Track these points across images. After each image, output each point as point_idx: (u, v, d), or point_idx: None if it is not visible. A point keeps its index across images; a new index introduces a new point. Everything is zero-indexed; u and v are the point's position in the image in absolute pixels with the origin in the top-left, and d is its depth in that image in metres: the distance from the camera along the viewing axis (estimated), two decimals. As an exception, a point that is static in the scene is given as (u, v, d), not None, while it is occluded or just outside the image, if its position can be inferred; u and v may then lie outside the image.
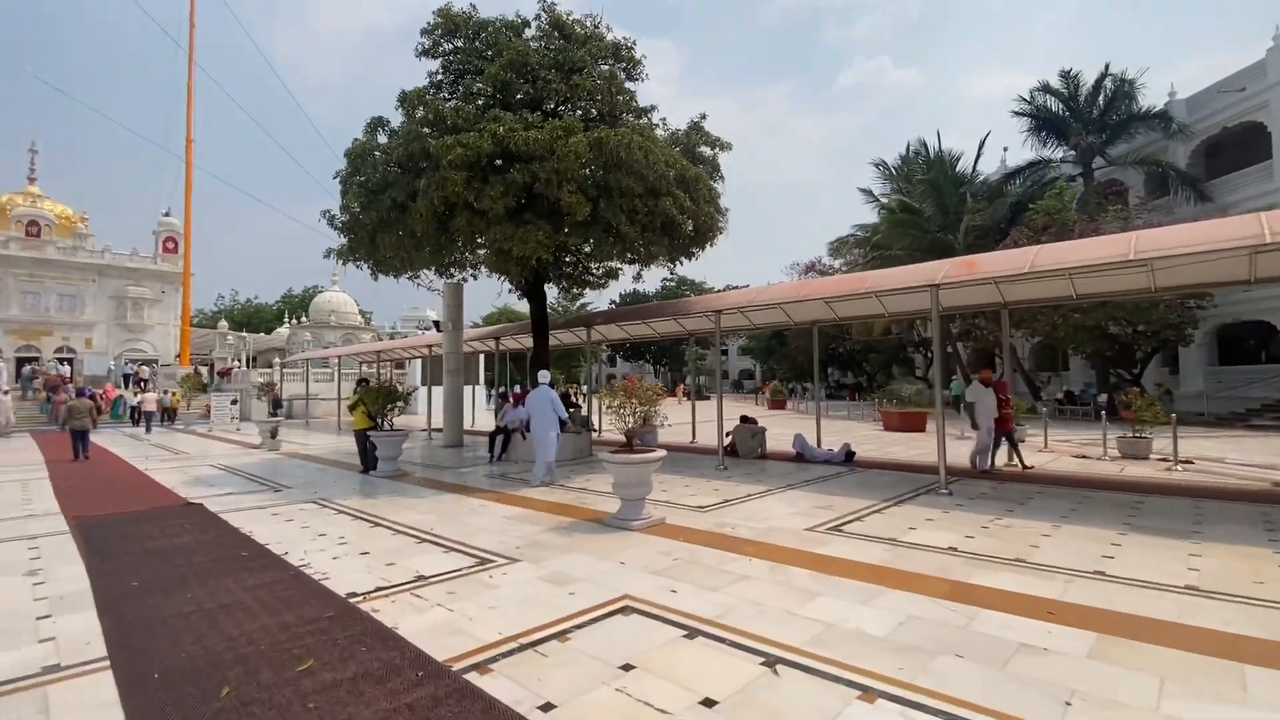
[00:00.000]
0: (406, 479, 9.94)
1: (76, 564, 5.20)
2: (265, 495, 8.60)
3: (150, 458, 13.59)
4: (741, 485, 8.75)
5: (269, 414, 24.31)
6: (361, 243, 10.78)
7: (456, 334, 15.42)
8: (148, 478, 10.50)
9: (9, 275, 38.24)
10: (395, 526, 6.52)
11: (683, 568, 4.89)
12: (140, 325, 42.37)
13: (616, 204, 9.70)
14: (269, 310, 68.58)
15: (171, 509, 7.64)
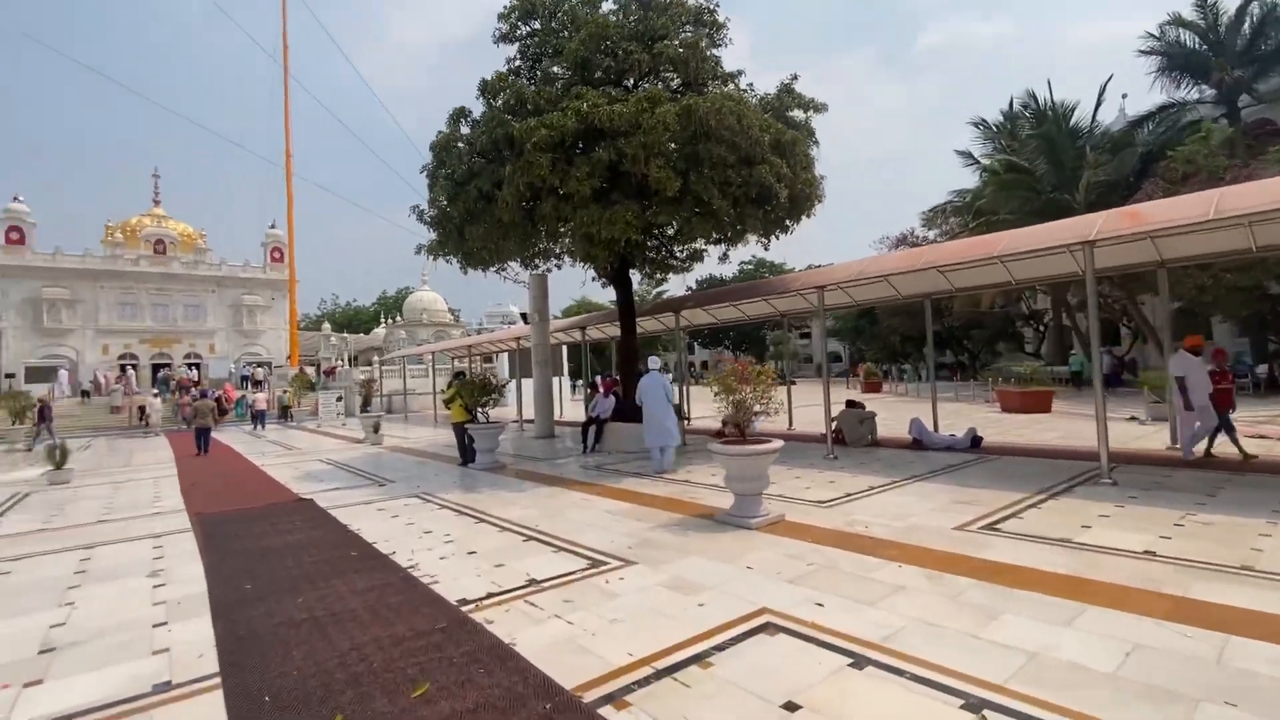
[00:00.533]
0: (504, 472, 9.81)
1: (195, 563, 5.23)
2: (370, 490, 8.67)
3: (266, 454, 14.36)
4: (860, 476, 7.94)
5: (359, 411, 25.61)
6: (450, 236, 10.72)
7: (543, 325, 15.31)
8: (264, 473, 10.98)
9: (142, 290, 42.42)
10: (499, 523, 6.26)
11: (822, 575, 4.25)
12: (255, 330, 45.95)
13: (707, 176, 9.05)
14: (366, 312, 72.81)
15: (284, 505, 7.80)
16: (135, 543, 6.14)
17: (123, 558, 5.57)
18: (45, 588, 4.75)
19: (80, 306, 40.67)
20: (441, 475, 9.76)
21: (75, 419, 28.75)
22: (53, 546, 6.12)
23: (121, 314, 42.32)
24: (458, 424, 10.69)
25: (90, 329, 41.19)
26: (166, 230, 45.01)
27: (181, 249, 44.96)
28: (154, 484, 10.17)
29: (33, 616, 4.12)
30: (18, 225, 39.42)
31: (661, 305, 14.68)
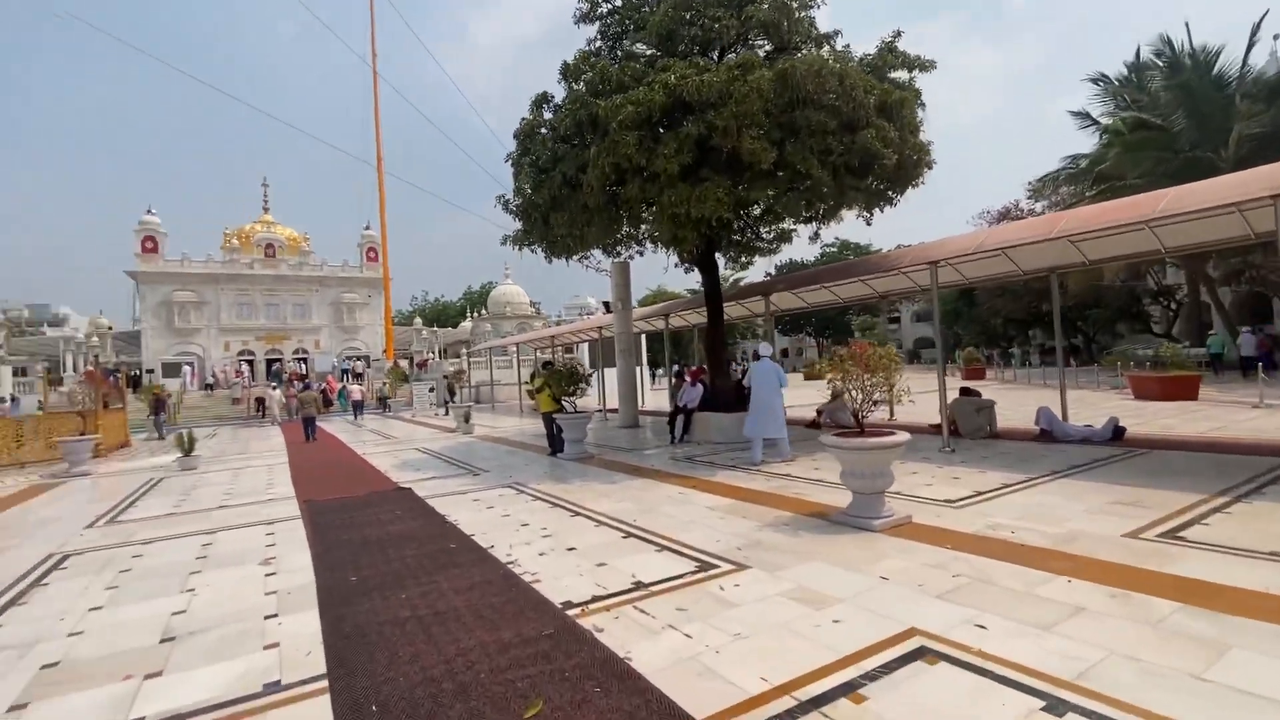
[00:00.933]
0: (593, 462, 9.63)
1: (304, 552, 5.29)
2: (465, 479, 8.71)
3: (366, 442, 15.00)
4: (988, 472, 7.10)
5: (443, 402, 26.53)
6: (535, 225, 10.61)
7: (626, 313, 15.07)
8: (365, 462, 11.38)
9: (256, 291, 46.03)
10: (595, 516, 6.00)
11: (975, 590, 3.66)
12: (354, 326, 48.87)
13: (805, 145, 8.39)
14: (453, 307, 75.96)
15: (385, 493, 7.93)
16: (251, 529, 6.35)
17: (239, 544, 5.74)
18: (171, 572, 4.91)
19: (205, 308, 44.68)
20: (532, 465, 9.70)
21: (203, 410, 31.62)
22: (180, 530, 6.44)
23: (239, 313, 46.16)
24: (546, 413, 10.62)
25: (214, 328, 45.18)
26: (275, 235, 48.56)
27: (288, 252, 48.39)
28: (268, 471, 10.74)
29: (158, 602, 4.23)
30: (152, 235, 43.70)
31: (749, 289, 14.05)
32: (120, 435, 16.28)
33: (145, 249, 43.48)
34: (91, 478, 11.23)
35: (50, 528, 6.93)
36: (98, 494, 9.33)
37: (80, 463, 11.72)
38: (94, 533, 6.57)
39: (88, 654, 3.42)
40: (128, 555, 5.53)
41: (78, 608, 4.20)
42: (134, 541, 6.06)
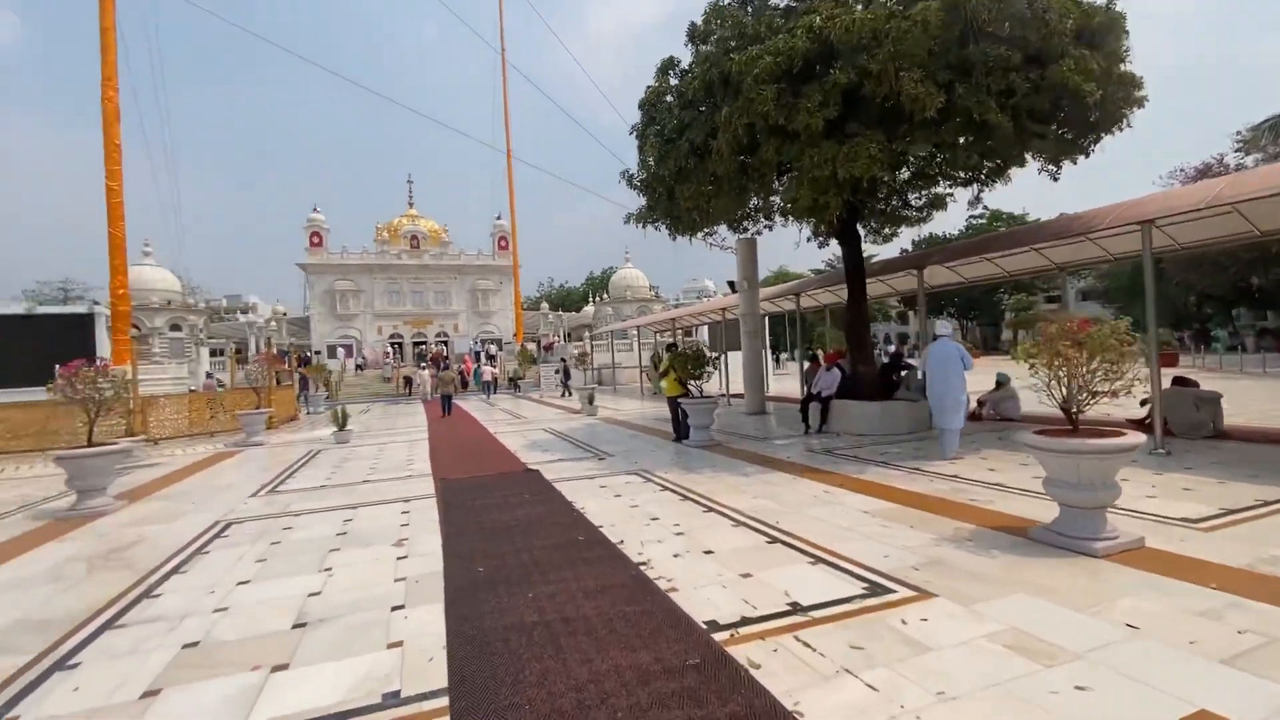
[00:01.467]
0: (721, 450, 9.02)
1: (435, 535, 5.19)
2: (591, 463, 8.47)
3: (498, 421, 15.48)
4: (1231, 483, 5.59)
5: (561, 384, 27.02)
6: (659, 200, 10.08)
7: (752, 293, 14.19)
8: (496, 440, 11.62)
9: (403, 279, 50.11)
10: (732, 514, 5.40)
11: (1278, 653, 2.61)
12: (488, 311, 51.84)
13: (980, 86, 7.07)
14: (577, 292, 78.38)
15: (514, 475, 7.86)
16: (388, 506, 6.47)
17: (377, 522, 5.80)
18: (313, 549, 4.99)
19: (361, 295, 49.42)
20: (657, 451, 9.28)
21: (361, 387, 34.95)
22: (327, 504, 6.71)
23: (390, 300, 50.60)
24: (671, 398, 10.14)
25: (369, 313, 49.89)
26: (419, 227, 52.55)
27: (430, 243, 52.17)
28: (409, 448, 11.27)
29: (298, 580, 4.24)
30: (318, 231, 48.92)
31: (896, 263, 12.59)
32: (290, 409, 18.18)
33: (312, 243, 48.79)
34: (264, 448, 12.46)
35: (222, 495, 7.56)
36: (265, 464, 10.24)
37: (255, 434, 13.07)
38: (256, 502, 7.04)
39: (226, 635, 3.39)
40: (279, 527, 5.77)
41: (228, 580, 4.32)
42: (288, 513, 6.38)
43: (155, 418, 13.68)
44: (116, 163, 16.02)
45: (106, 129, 15.89)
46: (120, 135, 16.13)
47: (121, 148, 16.12)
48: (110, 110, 15.93)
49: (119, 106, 16.12)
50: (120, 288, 16.08)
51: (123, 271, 16.17)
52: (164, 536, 5.64)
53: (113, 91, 15.99)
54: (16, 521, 6.63)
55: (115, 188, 15.97)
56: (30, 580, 4.55)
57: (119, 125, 16.12)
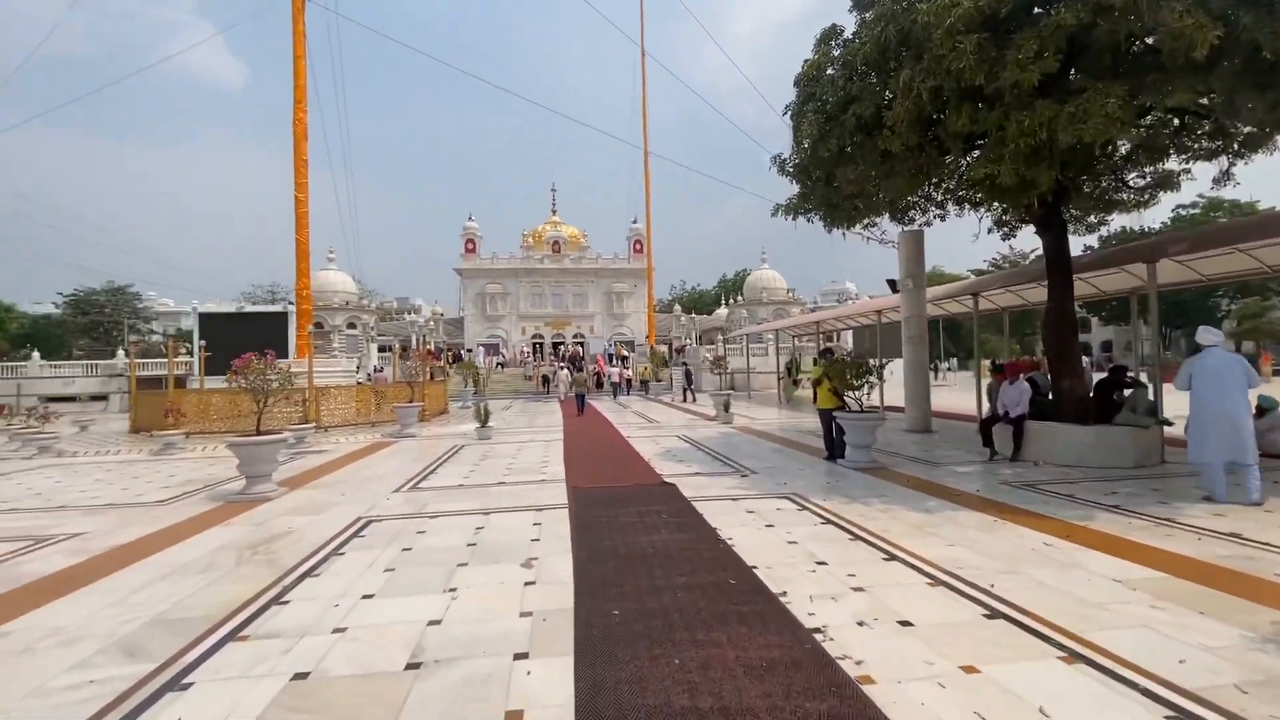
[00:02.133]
0: (886, 475, 7.72)
1: (566, 558, 4.63)
2: (732, 480, 7.60)
3: (629, 425, 15.08)
4: None
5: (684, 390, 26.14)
6: (816, 187, 8.98)
7: (918, 293, 12.46)
8: (629, 445, 11.13)
9: (545, 282, 52.43)
10: (922, 566, 4.27)
11: None
12: (622, 313, 52.72)
13: (1279, 12, 5.24)
14: (709, 295, 77.60)
15: (650, 488, 7.21)
16: (521, 514, 6.09)
17: (507, 533, 5.40)
18: (441, 560, 4.66)
19: (508, 298, 52.49)
20: (807, 471, 8.18)
21: (504, 384, 36.84)
22: (462, 507, 6.50)
23: (532, 302, 53.26)
24: (824, 410, 8.97)
25: (514, 315, 52.85)
26: (560, 233, 54.81)
27: (570, 248, 54.19)
28: (544, 448, 11.12)
29: (421, 601, 3.86)
30: (471, 238, 52.72)
31: (1117, 256, 10.25)
32: (441, 403, 19.25)
33: (467, 250, 52.69)
34: (415, 440, 13.04)
35: (369, 488, 7.69)
36: (413, 457, 10.56)
37: (409, 425, 13.76)
38: (398, 498, 7.03)
39: (338, 667, 3.00)
40: (413, 530, 5.57)
41: (354, 591, 4.04)
42: (423, 514, 6.22)
43: (326, 407, 14.93)
44: (303, 176, 17.87)
45: (296, 146, 17.78)
46: (307, 152, 17.98)
47: (308, 163, 17.96)
48: (299, 130, 17.80)
49: (307, 127, 17.98)
50: (304, 289, 17.91)
51: (306, 275, 18.01)
52: (309, 530, 5.66)
53: (302, 113, 17.86)
54: (197, 501, 7.15)
55: (302, 199, 17.81)
56: (186, 568, 4.63)
57: (306, 143, 17.97)
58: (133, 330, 55.37)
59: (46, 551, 5.18)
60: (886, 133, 7.47)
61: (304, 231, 17.83)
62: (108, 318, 57.97)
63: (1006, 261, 65.72)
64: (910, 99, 6.83)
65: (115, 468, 10.22)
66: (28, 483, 8.94)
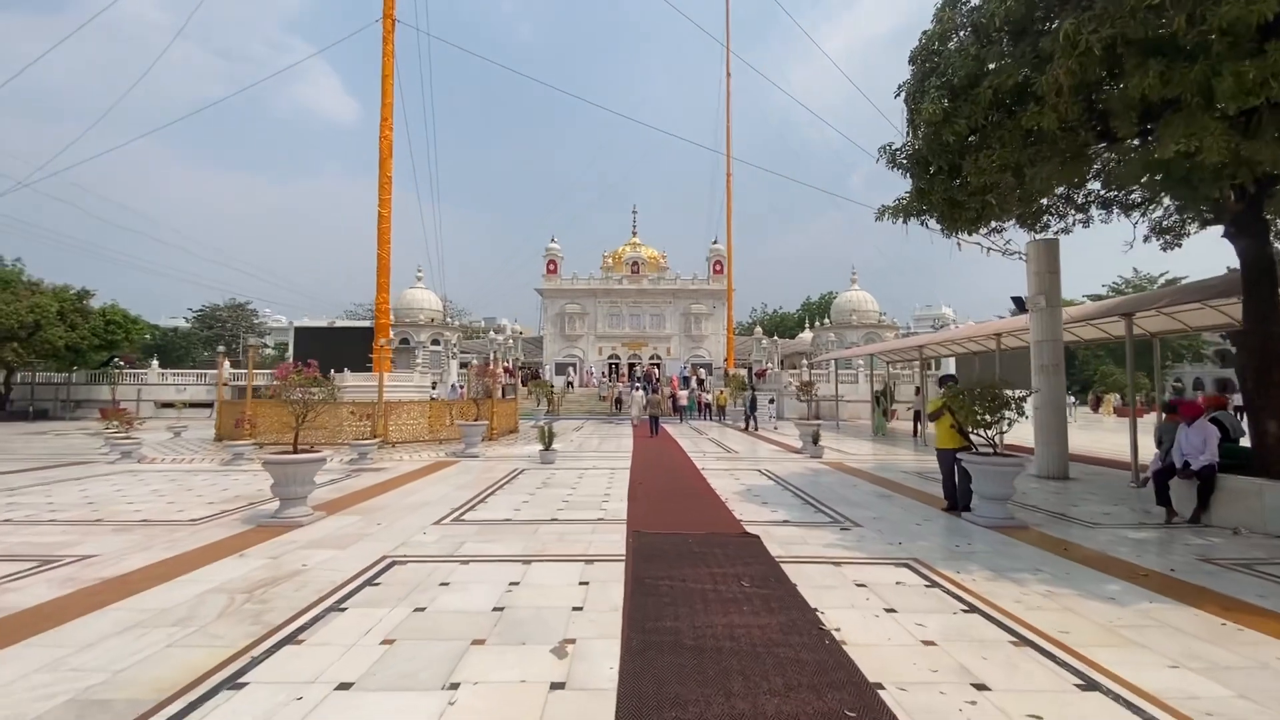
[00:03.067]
0: (1029, 538, 6.05)
1: (612, 643, 3.46)
2: (831, 533, 6.18)
3: (705, 454, 13.76)
4: None
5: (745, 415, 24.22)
6: (936, 181, 7.53)
7: (1053, 313, 10.48)
8: (702, 478, 9.86)
9: (623, 303, 52.09)
10: (1152, 710, 2.77)
11: None
12: (700, 335, 51.42)
13: None
14: (791, 318, 74.86)
15: (727, 540, 5.93)
16: (566, 566, 5.00)
17: (545, 596, 4.31)
18: (454, 636, 3.62)
19: (586, 318, 52.52)
20: (926, 527, 6.60)
21: (579, 404, 36.43)
22: (501, 551, 5.50)
23: (610, 323, 53.01)
24: (945, 450, 7.36)
25: (591, 335, 52.77)
26: (639, 254, 54.48)
27: (649, 269, 53.70)
28: (609, 476, 10.05)
29: (405, 704, 2.80)
30: (553, 259, 53.35)
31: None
32: (511, 422, 18.72)
33: (548, 270, 53.33)
34: (478, 460, 12.37)
35: (409, 518, 6.88)
36: (470, 479, 9.78)
37: (473, 444, 13.13)
38: (434, 533, 6.14)
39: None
40: (436, 582, 4.59)
41: (331, 673, 3.07)
42: (456, 557, 5.26)
43: (395, 423, 14.63)
44: (387, 192, 18.06)
45: (381, 164, 18.02)
46: (392, 169, 18.20)
47: (393, 180, 18.15)
48: (385, 147, 18.06)
49: (393, 144, 18.22)
50: (383, 303, 17.97)
51: (386, 290, 18.09)
52: (322, 571, 4.82)
53: (388, 131, 18.13)
54: (230, 523, 6.57)
55: (385, 214, 17.98)
56: (161, 617, 3.85)
57: (391, 160, 18.20)
58: (248, 342, 60.03)
59: (36, 580, 4.61)
60: (1034, 107, 5.98)
61: (385, 247, 17.98)
62: (229, 331, 63.44)
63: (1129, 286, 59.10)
64: (1073, 58, 5.34)
65: (179, 477, 10.09)
66: (91, 490, 8.84)
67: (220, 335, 62.75)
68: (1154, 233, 9.65)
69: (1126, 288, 58.85)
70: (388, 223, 18.05)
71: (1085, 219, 9.70)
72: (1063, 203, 9.49)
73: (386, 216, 18.03)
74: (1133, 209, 9.52)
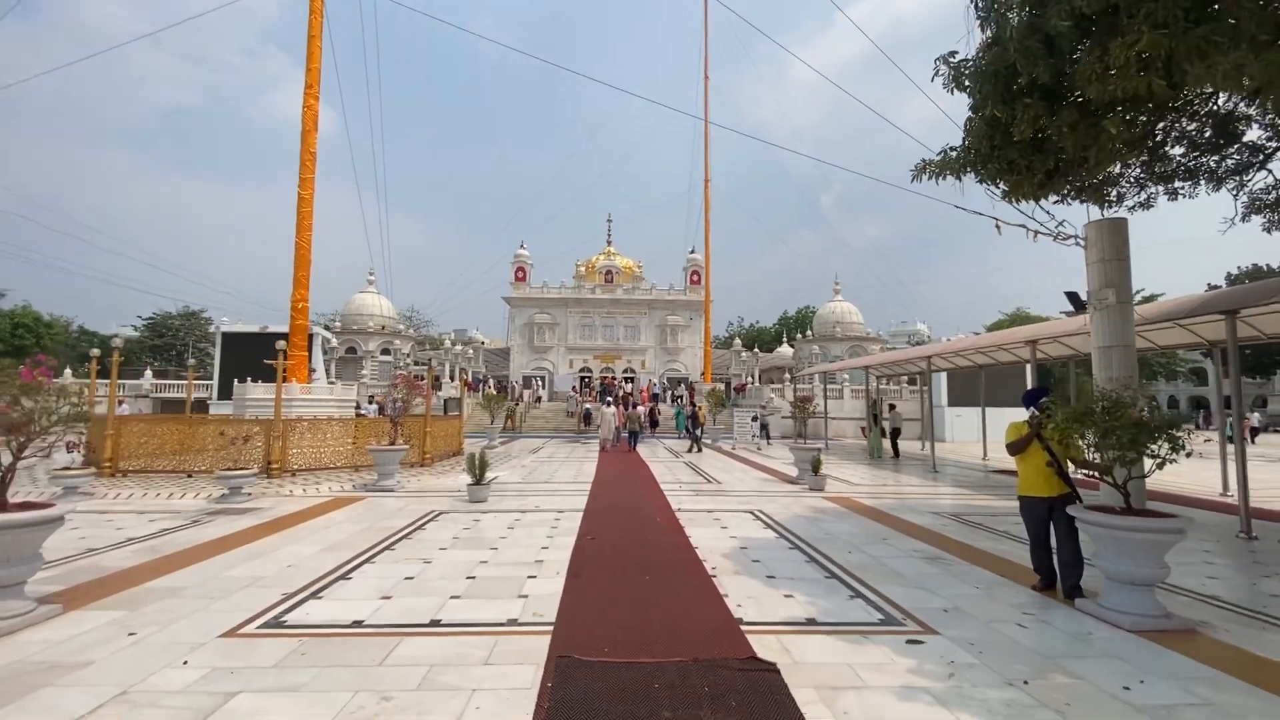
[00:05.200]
0: (1199, 647, 3.62)
1: None
2: (890, 649, 3.67)
3: (681, 485, 11.20)
4: None
5: (755, 436, 21.97)
6: (1019, 111, 5.19)
7: (1123, 311, 8.19)
8: (678, 525, 7.31)
9: (596, 314, 49.55)
10: None
11: None
12: (676, 348, 49.08)
13: None
14: (768, 332, 73.15)
15: (721, 674, 3.36)
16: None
17: None
18: None
19: (556, 328, 49.81)
20: (1038, 633, 4.11)
21: (544, 420, 33.60)
22: (361, 659, 2.87)
23: (582, 334, 50.35)
24: (1037, 501, 4.93)
25: (562, 346, 50.03)
26: (614, 263, 52.11)
27: (623, 278, 51.33)
28: (551, 526, 7.43)
29: None
30: (522, 265, 50.64)
31: None
32: (451, 444, 15.91)
33: (517, 278, 50.58)
34: (393, 495, 9.65)
35: (189, 619, 4.18)
36: (353, 532, 7.07)
37: (388, 475, 10.39)
38: (204, 661, 3.47)
39: None
40: None
41: None
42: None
43: (297, 445, 11.79)
44: (310, 170, 15.31)
45: (304, 137, 15.30)
46: (316, 144, 15.47)
47: (316, 156, 15.42)
48: (309, 118, 15.34)
49: (317, 113, 15.50)
50: (300, 301, 15.14)
51: (305, 285, 15.26)
52: None
53: (313, 100, 15.43)
54: None
55: (306, 196, 15.22)
56: None
57: (316, 134, 15.48)
58: (196, 351, 55.94)
59: None
60: None
61: (305, 235, 15.16)
62: (180, 340, 59.22)
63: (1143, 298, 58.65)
64: None
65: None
66: None
67: (171, 344, 58.53)
68: (1253, 210, 7.63)
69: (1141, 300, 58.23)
70: (309, 205, 15.27)
71: (1172, 190, 7.58)
72: (1147, 164, 7.34)
73: (308, 199, 15.26)
74: (1225, 179, 7.48)
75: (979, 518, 8.24)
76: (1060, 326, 10.33)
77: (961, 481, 12.52)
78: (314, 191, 15.42)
